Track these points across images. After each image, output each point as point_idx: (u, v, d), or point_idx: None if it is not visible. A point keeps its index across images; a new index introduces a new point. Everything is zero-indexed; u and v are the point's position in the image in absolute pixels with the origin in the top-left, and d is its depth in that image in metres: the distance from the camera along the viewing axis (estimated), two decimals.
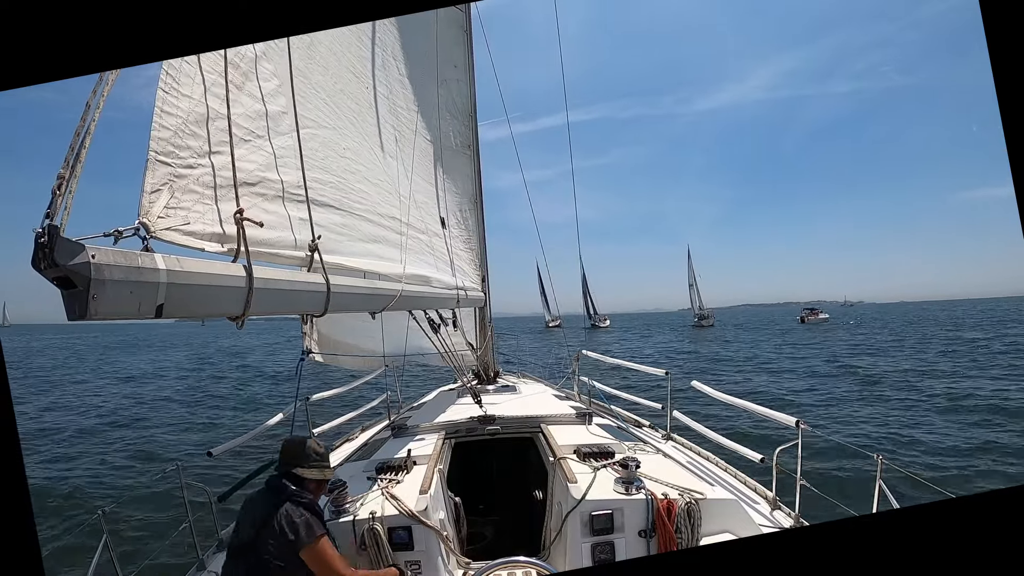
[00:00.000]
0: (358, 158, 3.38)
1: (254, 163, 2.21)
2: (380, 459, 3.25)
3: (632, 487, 2.68)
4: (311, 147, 2.71)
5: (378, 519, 2.45)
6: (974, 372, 16.35)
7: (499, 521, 4.03)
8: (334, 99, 3.14)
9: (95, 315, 1.26)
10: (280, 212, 2.35)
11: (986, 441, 8.69)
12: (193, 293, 1.54)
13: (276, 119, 2.40)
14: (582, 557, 2.58)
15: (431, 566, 2.50)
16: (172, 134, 1.78)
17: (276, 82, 2.43)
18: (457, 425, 4.01)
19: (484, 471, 4.27)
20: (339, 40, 3.36)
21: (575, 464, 3.05)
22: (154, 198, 1.68)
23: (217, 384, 19.82)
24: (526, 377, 7.38)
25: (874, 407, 11.81)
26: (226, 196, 1.97)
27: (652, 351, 30.92)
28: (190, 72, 1.90)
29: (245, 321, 1.80)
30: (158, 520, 6.29)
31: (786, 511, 3.12)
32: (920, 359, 20.48)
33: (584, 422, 4.09)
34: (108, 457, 9.61)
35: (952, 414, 10.76)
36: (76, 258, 1.21)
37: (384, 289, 3.15)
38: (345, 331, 5.88)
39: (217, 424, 12.38)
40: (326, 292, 2.31)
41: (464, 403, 4.87)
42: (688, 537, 2.54)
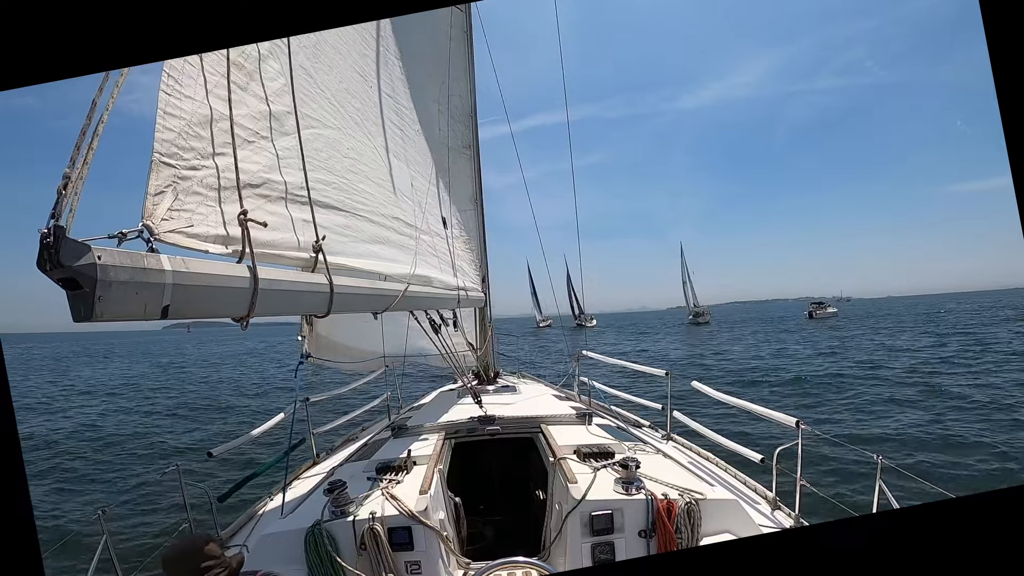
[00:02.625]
0: (361, 158, 3.39)
1: (258, 164, 2.21)
2: (380, 459, 3.25)
3: (632, 487, 2.69)
4: (315, 148, 2.71)
5: (378, 519, 2.46)
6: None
7: (499, 521, 4.03)
8: (338, 99, 3.14)
9: (101, 316, 1.26)
10: (283, 213, 2.35)
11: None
12: (198, 294, 1.55)
13: (281, 119, 2.40)
14: (582, 557, 2.59)
15: (431, 566, 2.51)
16: (176, 136, 1.78)
17: (282, 81, 2.43)
18: (457, 425, 4.01)
19: (484, 471, 4.27)
20: (344, 39, 3.36)
21: (575, 464, 3.05)
22: (158, 200, 1.68)
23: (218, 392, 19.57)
24: (526, 377, 7.38)
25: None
26: (230, 198, 1.97)
27: (673, 360, 24.07)
28: (192, 73, 1.90)
29: (249, 322, 1.81)
30: (158, 520, 6.29)
31: (786, 511, 3.13)
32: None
33: (584, 422, 4.10)
34: (108, 457, 9.61)
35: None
36: (82, 259, 1.22)
37: (387, 289, 3.16)
38: (345, 332, 5.88)
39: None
40: (329, 293, 2.32)
41: (464, 403, 4.88)
42: (688, 537, 2.55)
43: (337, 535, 2.44)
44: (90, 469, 9.31)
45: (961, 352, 20.23)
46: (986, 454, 7.99)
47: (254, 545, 2.64)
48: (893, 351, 22.27)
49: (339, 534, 2.44)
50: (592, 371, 6.67)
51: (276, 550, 2.47)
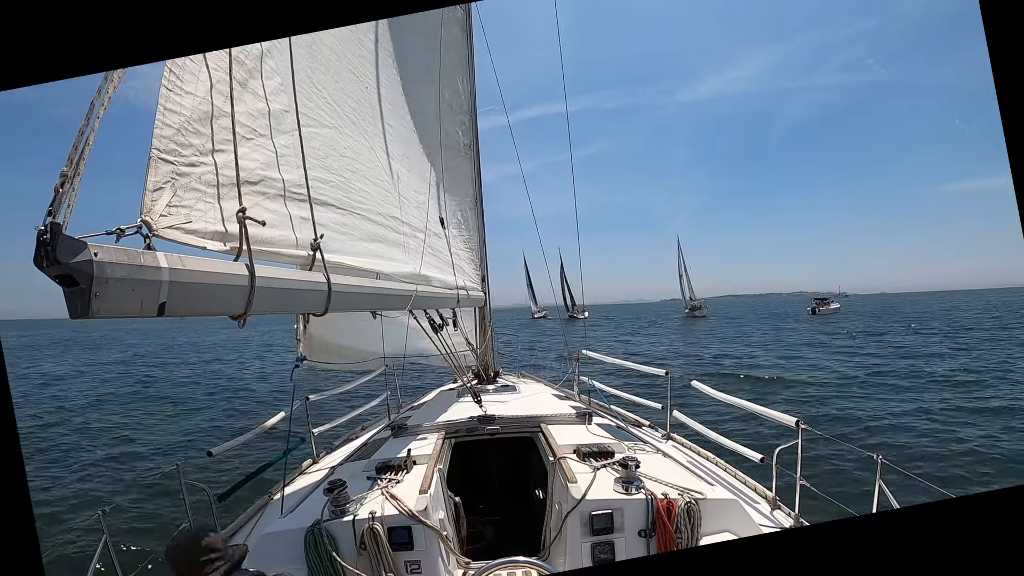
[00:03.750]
0: (359, 157, 3.38)
1: (256, 162, 2.21)
2: (380, 459, 3.25)
3: (632, 487, 2.69)
4: (312, 146, 2.71)
5: (378, 519, 2.45)
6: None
7: (499, 521, 4.03)
8: (335, 98, 3.14)
9: (97, 313, 1.26)
10: (281, 211, 2.35)
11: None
12: (196, 291, 1.54)
13: (278, 118, 2.40)
14: (582, 557, 2.58)
15: (431, 566, 2.50)
16: (175, 132, 1.78)
17: (279, 80, 2.43)
18: (457, 425, 4.01)
19: (484, 471, 4.27)
20: (341, 40, 3.36)
21: (575, 464, 3.05)
22: (156, 196, 1.68)
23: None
24: (526, 377, 7.38)
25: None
26: (228, 195, 1.97)
27: (682, 362, 20.60)
28: (194, 70, 1.90)
29: (247, 320, 1.81)
30: (158, 520, 6.29)
31: (786, 511, 3.12)
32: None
33: (584, 422, 4.09)
34: (108, 456, 9.62)
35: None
36: (79, 256, 1.21)
37: (385, 288, 3.15)
38: (342, 332, 5.88)
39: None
40: (327, 291, 2.32)
41: (464, 403, 4.87)
42: (688, 537, 2.54)
43: (337, 534, 2.43)
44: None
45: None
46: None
47: (254, 544, 2.64)
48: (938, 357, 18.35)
49: (339, 533, 2.44)
50: (592, 371, 6.67)
51: (276, 549, 2.47)
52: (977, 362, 16.76)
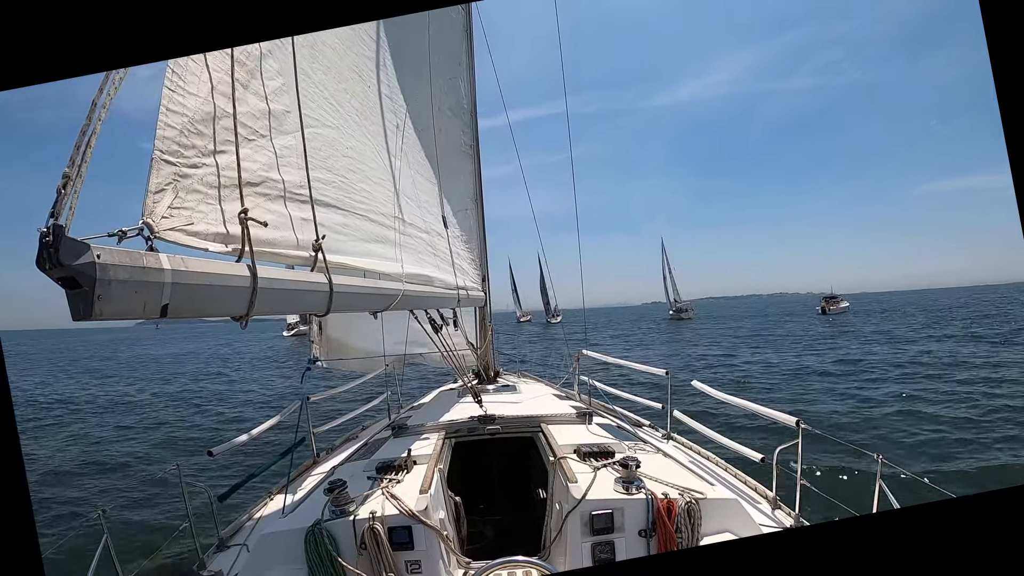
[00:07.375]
0: (360, 158, 3.39)
1: (257, 163, 2.21)
2: (380, 459, 3.25)
3: (632, 487, 2.69)
4: (314, 146, 2.72)
5: (378, 519, 2.46)
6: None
7: (499, 521, 4.03)
8: (336, 98, 3.15)
9: (100, 315, 1.26)
10: (283, 212, 2.35)
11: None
12: (198, 293, 1.54)
13: (279, 118, 2.40)
14: (582, 557, 2.59)
15: (431, 566, 2.51)
16: (177, 133, 1.78)
17: (280, 80, 2.43)
18: (457, 425, 4.01)
19: (484, 471, 4.27)
20: (342, 40, 3.36)
21: (575, 464, 3.05)
22: (158, 198, 1.68)
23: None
24: (526, 377, 7.38)
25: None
26: (230, 196, 1.97)
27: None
28: (196, 70, 1.90)
29: (248, 321, 1.81)
30: (158, 520, 6.29)
31: (786, 511, 3.13)
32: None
33: (584, 422, 4.10)
34: (108, 457, 9.61)
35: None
36: (81, 258, 1.22)
37: (387, 289, 3.15)
38: (346, 332, 5.88)
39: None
40: (329, 292, 2.32)
41: (464, 403, 4.88)
42: (688, 537, 2.54)
43: (337, 535, 2.44)
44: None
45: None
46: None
47: (254, 545, 2.64)
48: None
49: (339, 534, 2.44)
50: (592, 371, 6.66)
51: (276, 550, 2.47)
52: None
